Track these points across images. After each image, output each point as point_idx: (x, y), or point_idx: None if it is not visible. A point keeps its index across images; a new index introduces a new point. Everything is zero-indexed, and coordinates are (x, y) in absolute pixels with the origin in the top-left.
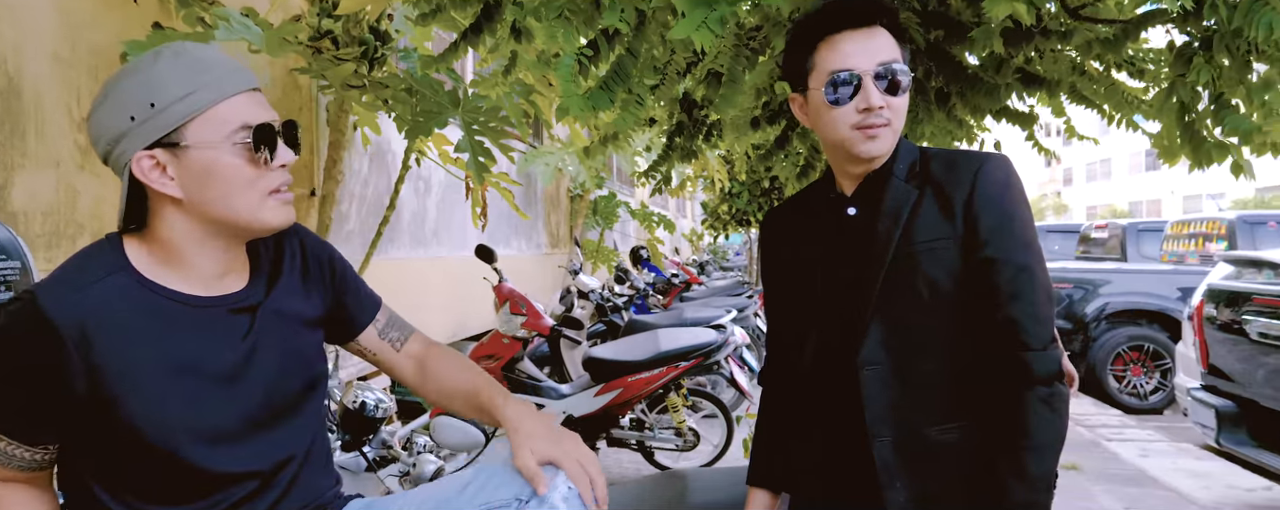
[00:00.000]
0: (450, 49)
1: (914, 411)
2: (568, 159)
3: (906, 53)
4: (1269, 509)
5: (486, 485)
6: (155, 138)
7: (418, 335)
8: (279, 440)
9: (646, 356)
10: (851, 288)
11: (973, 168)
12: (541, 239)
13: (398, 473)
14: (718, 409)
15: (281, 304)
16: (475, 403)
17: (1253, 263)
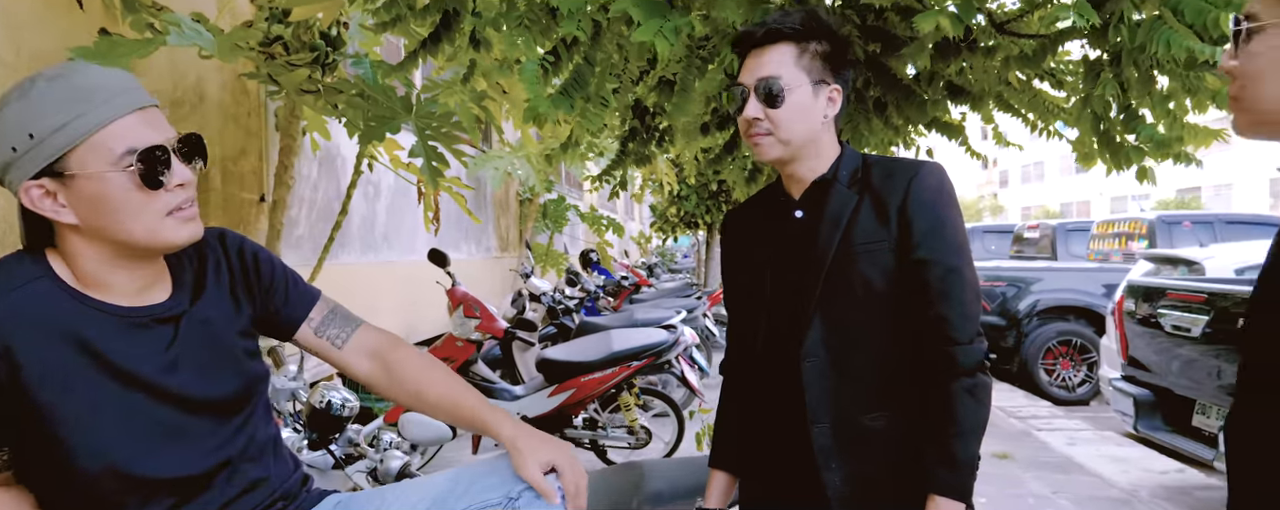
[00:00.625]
0: (409, 57)
1: (849, 400)
2: (517, 163)
3: (823, 66)
4: (1180, 489)
5: (476, 486)
6: (38, 168)
7: (368, 332)
8: (211, 444)
9: (600, 357)
10: (796, 286)
11: (907, 175)
12: (491, 243)
13: (365, 469)
14: (669, 407)
15: (207, 312)
16: (461, 417)
17: (1169, 260)
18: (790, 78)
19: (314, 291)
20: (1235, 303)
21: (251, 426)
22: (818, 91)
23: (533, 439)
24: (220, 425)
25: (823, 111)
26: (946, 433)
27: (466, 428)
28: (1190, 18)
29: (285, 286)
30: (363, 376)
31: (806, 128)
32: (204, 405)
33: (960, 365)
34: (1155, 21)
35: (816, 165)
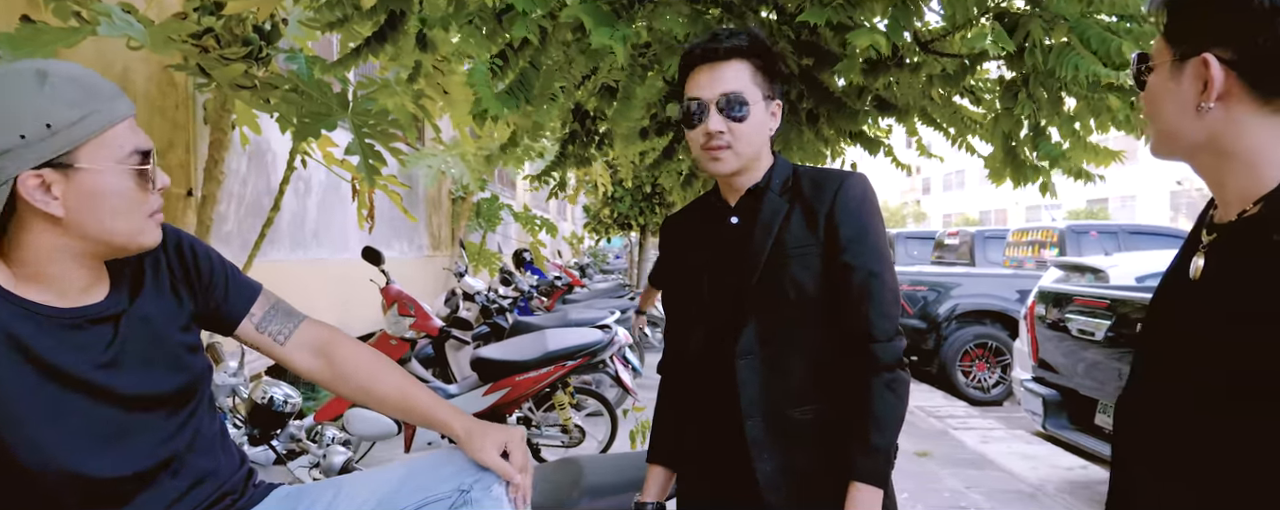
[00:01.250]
0: (350, 55)
1: (781, 395)
2: (451, 161)
3: (768, 82)
4: (1083, 484)
5: (428, 477)
6: (46, 158)
7: (312, 327)
8: (155, 441)
9: (534, 356)
10: (732, 288)
11: (835, 185)
12: (423, 241)
13: (308, 464)
14: (602, 406)
15: (147, 310)
16: (410, 412)
17: (1076, 267)
18: (750, 93)
19: (255, 286)
20: (1135, 308)
21: (196, 422)
22: (767, 106)
23: (484, 427)
24: (164, 421)
25: (769, 125)
26: (866, 424)
27: (415, 422)
28: (1094, 45)
29: (225, 281)
30: (306, 372)
31: (759, 141)
32: (147, 402)
33: (880, 361)
34: (1064, 47)
35: (753, 175)
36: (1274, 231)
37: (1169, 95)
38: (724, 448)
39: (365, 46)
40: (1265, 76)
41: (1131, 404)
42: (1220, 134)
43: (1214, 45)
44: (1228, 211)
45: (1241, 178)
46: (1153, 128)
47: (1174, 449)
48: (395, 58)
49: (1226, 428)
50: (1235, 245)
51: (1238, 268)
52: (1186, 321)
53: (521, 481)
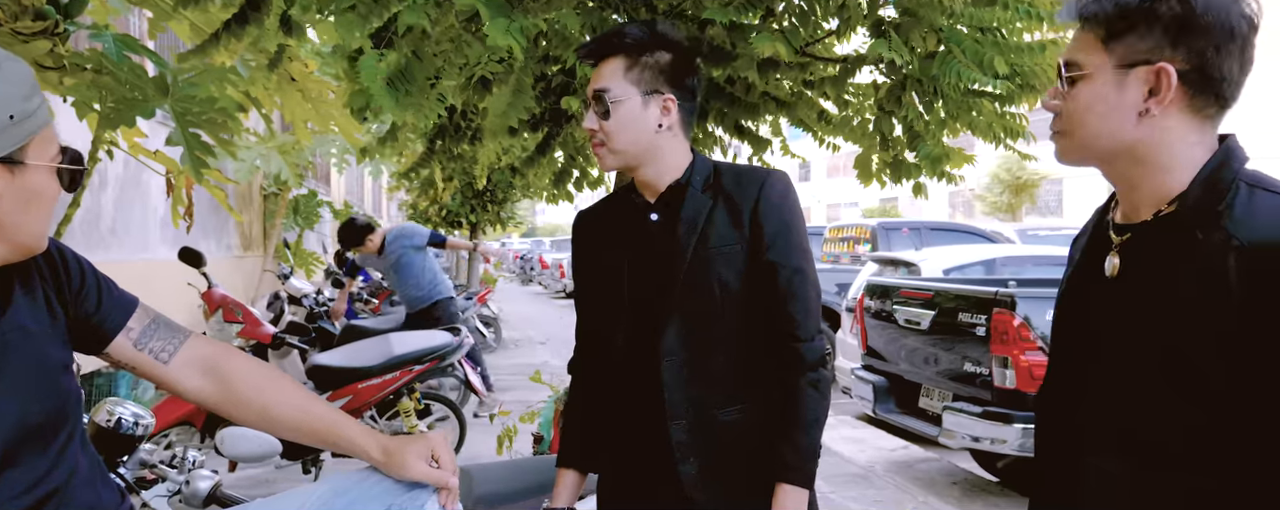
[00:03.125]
0: (211, 40)
1: (705, 396)
2: (270, 155)
3: (653, 77)
4: (905, 463)
5: (353, 498)
6: (5, 152)
7: (199, 344)
8: (35, 474)
9: (378, 362)
10: (654, 287)
11: (758, 182)
12: (233, 240)
13: (166, 493)
14: (450, 410)
15: (22, 321)
16: (316, 433)
17: (892, 262)
18: (619, 91)
19: (130, 299)
20: (952, 298)
21: (72, 452)
22: (649, 102)
23: (402, 442)
24: (40, 456)
25: (656, 121)
26: (792, 424)
27: (321, 445)
28: (969, 55)
29: (99, 291)
30: (194, 394)
31: (635, 138)
32: (28, 428)
33: (805, 360)
34: (945, 56)
35: (665, 171)
36: (1195, 229)
37: (1105, 101)
38: (646, 449)
39: (225, 30)
40: (1205, 87)
41: (1055, 396)
42: (1150, 140)
43: (1169, 56)
44: (1139, 213)
45: (1156, 181)
46: (1074, 132)
47: (1113, 430)
48: (256, 41)
49: (1160, 407)
50: (1152, 243)
51: (1157, 263)
52: (1108, 316)
53: (454, 484)
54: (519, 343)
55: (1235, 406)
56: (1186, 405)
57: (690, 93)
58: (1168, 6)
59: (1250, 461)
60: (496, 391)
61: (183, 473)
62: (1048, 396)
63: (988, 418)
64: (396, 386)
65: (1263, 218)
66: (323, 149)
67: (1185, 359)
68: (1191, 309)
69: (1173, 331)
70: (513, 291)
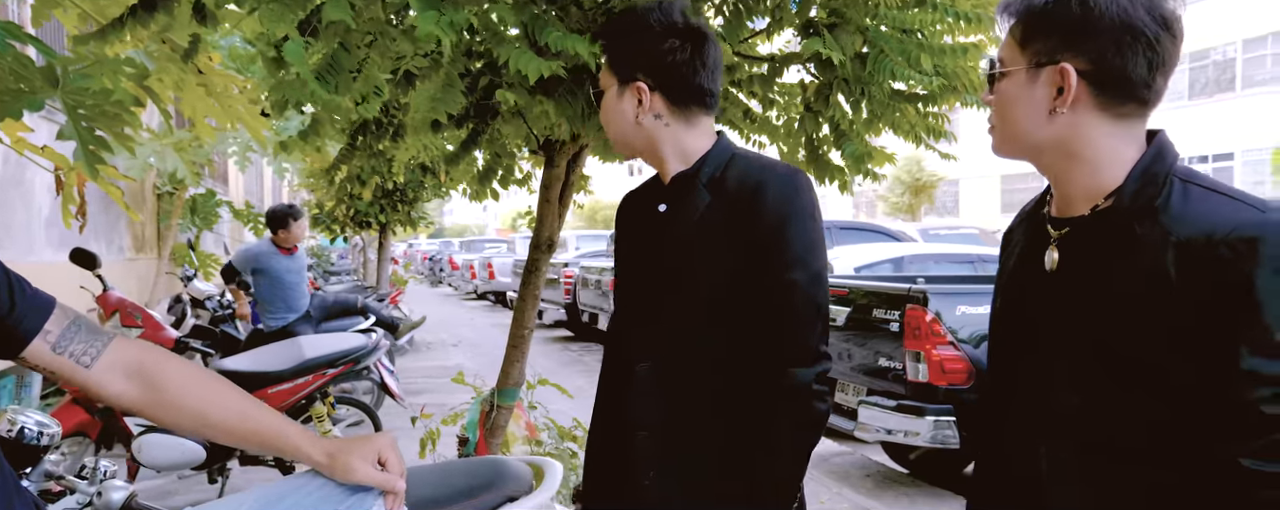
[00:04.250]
0: (113, 25)
1: (677, 407)
2: (166, 152)
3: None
4: (821, 457)
5: (295, 505)
6: None
7: (124, 346)
8: None
9: (289, 366)
10: (648, 283)
11: (760, 181)
12: (125, 242)
13: (77, 505)
14: (365, 414)
15: None
16: (256, 438)
17: None
18: (604, 80)
19: (47, 299)
20: (865, 295)
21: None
22: (623, 92)
23: (347, 445)
24: None
25: (633, 111)
26: (767, 452)
27: (261, 450)
28: (897, 54)
29: (11, 291)
30: (120, 399)
31: (617, 129)
32: None
33: (792, 386)
34: (878, 55)
35: (670, 160)
36: (1132, 224)
37: (1021, 99)
38: (614, 454)
39: (132, 16)
40: (1110, 86)
41: (993, 387)
42: (1068, 137)
43: (1070, 56)
44: (1074, 207)
45: (1087, 176)
46: (1001, 127)
47: (1046, 419)
48: (165, 29)
49: (1108, 400)
50: (1091, 237)
51: (1097, 257)
52: (1047, 309)
53: (402, 488)
54: (431, 345)
55: (1195, 400)
56: (1149, 399)
57: (675, 75)
58: (1067, 8)
59: (1210, 455)
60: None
61: (93, 484)
62: (987, 388)
63: (901, 411)
64: (309, 391)
65: (1197, 213)
66: (222, 147)
67: (1116, 352)
68: (1132, 303)
69: (1109, 325)
70: (422, 293)
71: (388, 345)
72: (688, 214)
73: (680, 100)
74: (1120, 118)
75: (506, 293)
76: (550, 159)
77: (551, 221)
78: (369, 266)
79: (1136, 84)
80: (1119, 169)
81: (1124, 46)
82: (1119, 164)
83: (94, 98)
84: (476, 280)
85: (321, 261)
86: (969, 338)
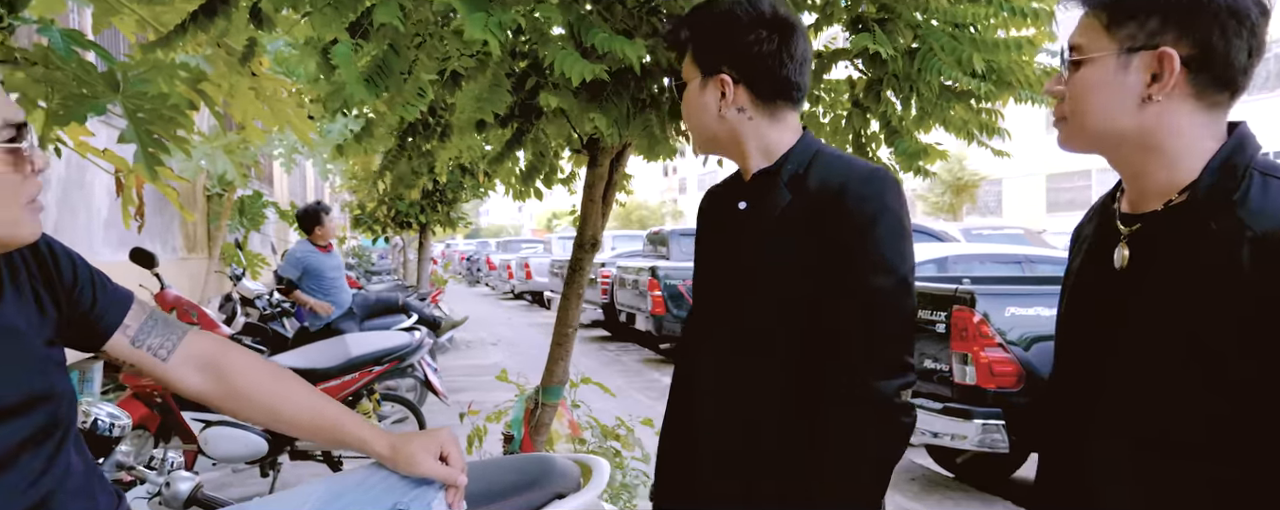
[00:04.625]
0: (177, 31)
1: (744, 412)
2: (216, 154)
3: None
4: None
5: (357, 498)
6: None
7: (198, 339)
8: (31, 477)
9: (337, 363)
10: (720, 281)
11: (843, 182)
12: (177, 242)
13: (145, 495)
14: (409, 411)
15: (11, 319)
16: (324, 432)
17: None
18: (687, 73)
19: (126, 294)
20: None
21: (66, 454)
22: (705, 84)
23: (408, 438)
24: (32, 458)
25: (716, 105)
26: (850, 462)
27: (329, 442)
28: (946, 52)
29: (93, 287)
30: (194, 392)
31: (700, 123)
32: (17, 435)
33: (876, 397)
34: (926, 53)
35: (751, 157)
36: (1208, 218)
37: (1107, 87)
38: (687, 455)
39: (193, 21)
40: (1210, 73)
41: (1066, 389)
42: (1154, 127)
43: (1171, 39)
44: (1147, 202)
45: (1164, 169)
46: (1077, 118)
47: (1133, 421)
48: (223, 34)
49: (1182, 398)
50: (1163, 233)
51: (1169, 253)
52: (1121, 308)
53: (463, 482)
54: (470, 344)
55: (1259, 395)
56: (1210, 394)
57: (761, 68)
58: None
59: (1274, 450)
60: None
61: (161, 474)
62: (1058, 390)
63: (948, 414)
64: (355, 388)
65: (1277, 207)
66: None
67: (1206, 348)
68: (1207, 298)
69: (1192, 321)
70: (460, 292)
71: (431, 343)
72: (767, 213)
73: (765, 94)
74: (1212, 107)
75: (543, 293)
76: (593, 158)
77: (595, 221)
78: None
79: (1236, 71)
80: (1196, 161)
81: (1228, 31)
82: (1197, 156)
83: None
84: (513, 280)
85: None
86: (1019, 339)
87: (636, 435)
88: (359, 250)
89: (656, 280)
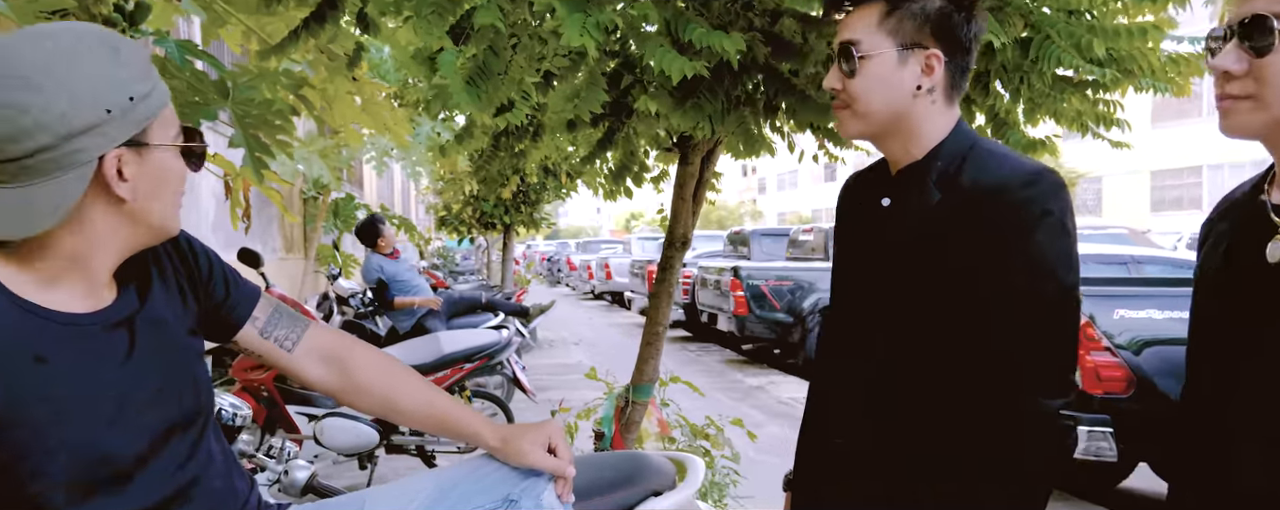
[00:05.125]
0: (290, 38)
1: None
2: (312, 158)
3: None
4: None
5: (470, 488)
6: (130, 134)
7: (320, 332)
8: (179, 460)
9: (430, 360)
10: (858, 282)
11: (1002, 182)
12: (277, 243)
13: (266, 482)
14: (498, 407)
15: (160, 312)
16: (438, 424)
17: None
18: (868, 42)
19: (254, 288)
20: None
21: (208, 440)
22: (901, 58)
23: (519, 430)
24: (183, 440)
25: (914, 81)
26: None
27: (442, 433)
28: (1065, 39)
29: (225, 281)
30: (316, 382)
31: (886, 100)
32: (168, 420)
33: (1037, 412)
34: (1042, 40)
35: (911, 146)
36: None
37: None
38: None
39: (304, 28)
40: None
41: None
42: None
43: None
44: None
45: None
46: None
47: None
48: (332, 39)
49: None
50: None
51: None
52: (1271, 306)
53: (572, 473)
54: (553, 343)
55: None
56: None
57: (963, 49)
58: None
59: None
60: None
61: (280, 462)
62: (1194, 394)
63: None
64: (447, 384)
65: None
66: (361, 152)
67: None
68: None
69: None
70: (542, 292)
71: (519, 342)
72: (912, 212)
73: (960, 80)
74: None
75: (624, 293)
76: (684, 156)
77: (685, 219)
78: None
79: None
80: None
81: None
82: None
83: (258, 107)
84: (594, 280)
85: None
86: (1128, 343)
87: (726, 435)
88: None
89: (739, 280)
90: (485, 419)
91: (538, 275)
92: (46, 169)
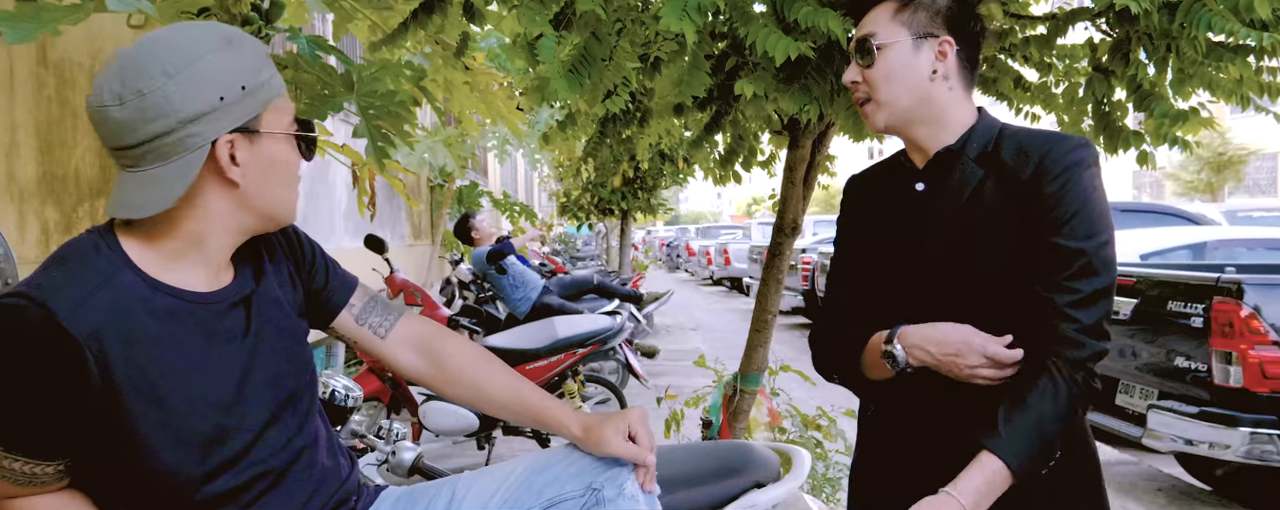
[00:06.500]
0: (400, 29)
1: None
2: (437, 148)
3: (927, 18)
4: None
5: (554, 476)
6: (242, 121)
7: (412, 321)
8: (289, 434)
9: (545, 344)
10: (908, 264)
11: (1042, 148)
12: (405, 230)
13: (376, 461)
14: (611, 393)
15: (273, 292)
16: (524, 412)
17: None
18: (884, 34)
19: (352, 277)
20: (1158, 285)
21: (314, 417)
22: (920, 46)
23: (601, 419)
24: (293, 414)
25: (929, 67)
26: (1020, 411)
27: (527, 423)
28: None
29: (326, 268)
30: (408, 369)
31: (905, 87)
32: (283, 393)
33: (1071, 357)
34: (1193, 4)
35: (939, 133)
36: None
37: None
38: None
39: (413, 19)
40: None
41: None
42: None
43: None
44: None
45: None
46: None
47: None
48: (439, 30)
49: None
50: None
51: None
52: None
53: (653, 462)
54: (670, 329)
55: None
56: None
57: (971, 39)
58: None
59: None
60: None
61: (389, 443)
62: None
63: (1205, 420)
64: (561, 368)
65: None
66: (483, 141)
67: None
68: None
69: None
70: (661, 278)
71: (633, 328)
72: (955, 192)
73: (971, 66)
74: None
75: (743, 278)
76: (794, 139)
77: (795, 204)
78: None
79: None
80: None
81: None
82: None
83: (381, 99)
84: (713, 266)
85: (568, 247)
86: None
87: (839, 426)
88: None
89: None
90: (570, 408)
91: (656, 261)
92: (166, 153)
